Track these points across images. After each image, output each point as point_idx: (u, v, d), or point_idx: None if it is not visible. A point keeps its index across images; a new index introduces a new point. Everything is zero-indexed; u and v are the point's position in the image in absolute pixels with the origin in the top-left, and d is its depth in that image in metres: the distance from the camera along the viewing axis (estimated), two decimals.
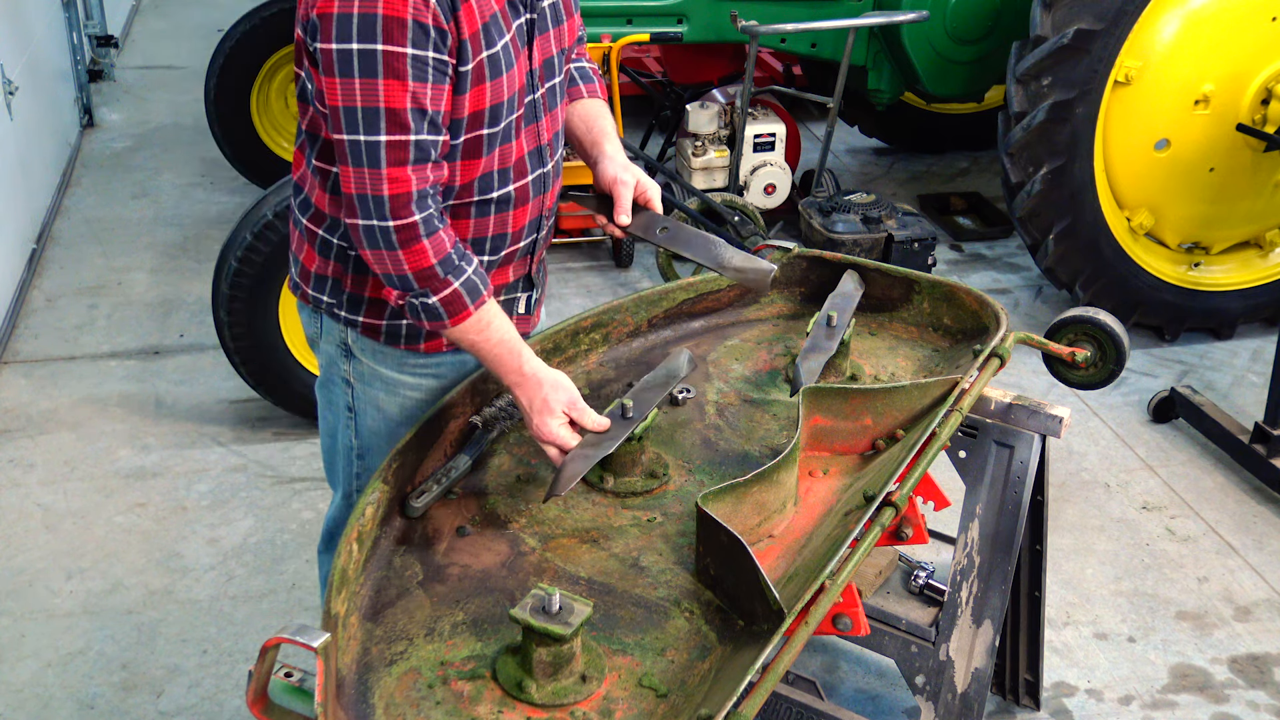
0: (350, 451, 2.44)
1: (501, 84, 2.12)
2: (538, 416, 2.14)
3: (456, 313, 2.11)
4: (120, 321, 5.09)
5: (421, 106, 2.01)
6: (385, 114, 1.99)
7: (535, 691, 1.76)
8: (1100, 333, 2.77)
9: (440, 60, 2.02)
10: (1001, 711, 3.26)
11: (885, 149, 6.98)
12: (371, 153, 2.01)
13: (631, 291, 2.70)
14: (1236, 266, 5.13)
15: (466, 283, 2.11)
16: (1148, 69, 4.67)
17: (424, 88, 2.01)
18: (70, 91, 6.96)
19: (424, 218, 2.05)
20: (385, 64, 1.97)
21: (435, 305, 2.10)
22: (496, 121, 2.15)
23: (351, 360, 2.35)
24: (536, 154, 2.28)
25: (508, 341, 2.17)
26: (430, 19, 1.98)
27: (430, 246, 2.06)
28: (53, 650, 3.39)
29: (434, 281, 2.08)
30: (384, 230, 2.05)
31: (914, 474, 2.17)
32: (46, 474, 4.12)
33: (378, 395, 2.36)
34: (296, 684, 1.71)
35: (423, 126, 2.03)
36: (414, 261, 2.06)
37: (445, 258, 2.08)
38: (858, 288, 2.74)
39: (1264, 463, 4.13)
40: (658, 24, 5.42)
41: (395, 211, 2.03)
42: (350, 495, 2.49)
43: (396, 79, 1.98)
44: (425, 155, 2.04)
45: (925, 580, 3.05)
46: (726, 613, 1.95)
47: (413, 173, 2.03)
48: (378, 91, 1.98)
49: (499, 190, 2.23)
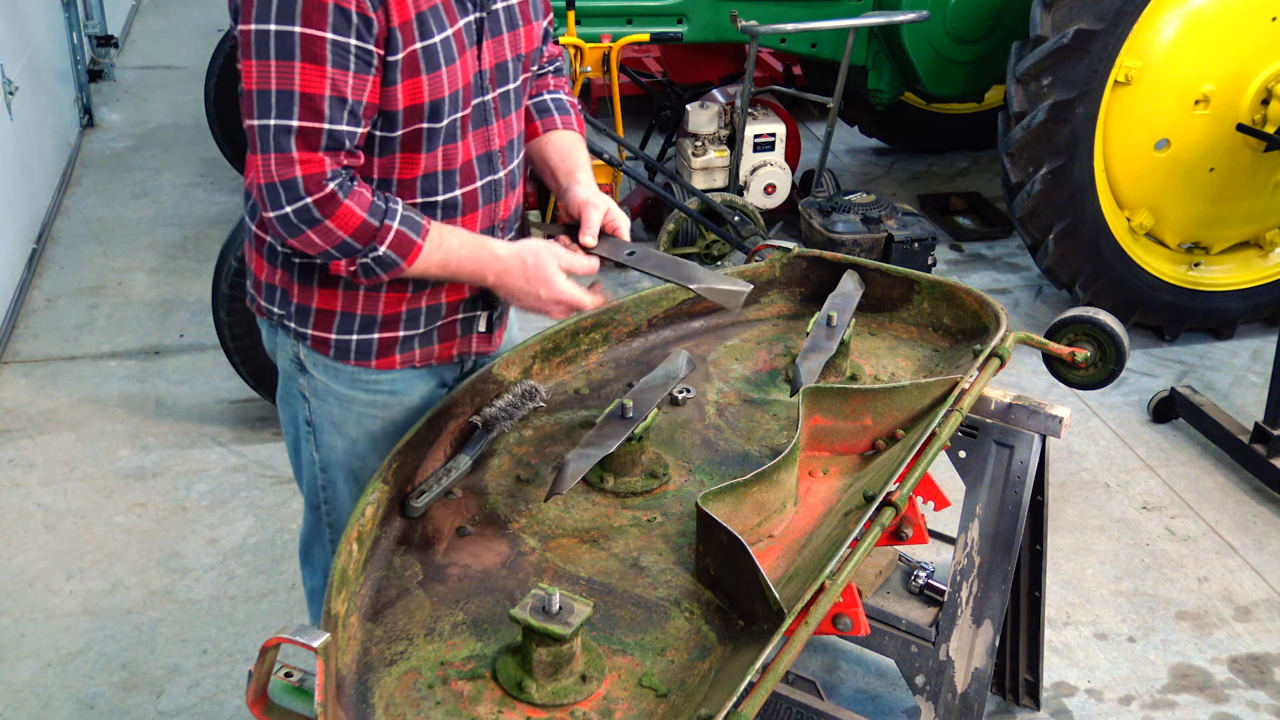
0: (313, 466, 2.39)
1: (440, 78, 2.06)
2: (540, 286, 2.13)
3: (408, 251, 2.07)
4: (120, 321, 5.09)
5: (341, 94, 1.96)
6: (300, 99, 1.94)
7: (535, 691, 1.76)
8: (1100, 333, 2.77)
9: (363, 49, 1.96)
10: (1001, 711, 3.26)
11: (885, 149, 6.98)
12: (282, 138, 1.95)
13: (631, 291, 2.69)
14: (1236, 266, 5.13)
15: (403, 220, 2.06)
16: (1148, 69, 4.67)
17: (344, 75, 1.95)
18: (70, 91, 6.96)
19: (338, 184, 2.00)
20: (303, 47, 1.92)
21: (385, 254, 2.06)
22: (438, 118, 2.09)
23: (306, 375, 2.30)
24: (486, 159, 2.22)
25: (470, 243, 2.14)
26: (354, 5, 1.93)
27: (353, 203, 2.01)
28: (53, 650, 3.39)
29: (373, 232, 2.03)
30: (302, 210, 1.99)
31: (914, 474, 2.17)
32: (46, 474, 4.12)
33: (332, 411, 2.31)
34: (296, 684, 1.71)
35: (340, 115, 1.97)
36: (343, 224, 2.01)
37: (371, 206, 2.03)
38: (858, 288, 2.74)
39: (1264, 463, 4.14)
40: (658, 24, 5.43)
41: (309, 189, 1.98)
42: (318, 508, 2.44)
43: (314, 63, 1.93)
44: (339, 144, 1.99)
45: (925, 580, 3.05)
46: (726, 613, 1.95)
47: (325, 155, 1.98)
48: (294, 75, 1.93)
49: (444, 194, 2.18)
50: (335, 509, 2.42)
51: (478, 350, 2.40)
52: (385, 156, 2.11)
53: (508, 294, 2.18)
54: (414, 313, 2.26)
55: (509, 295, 2.19)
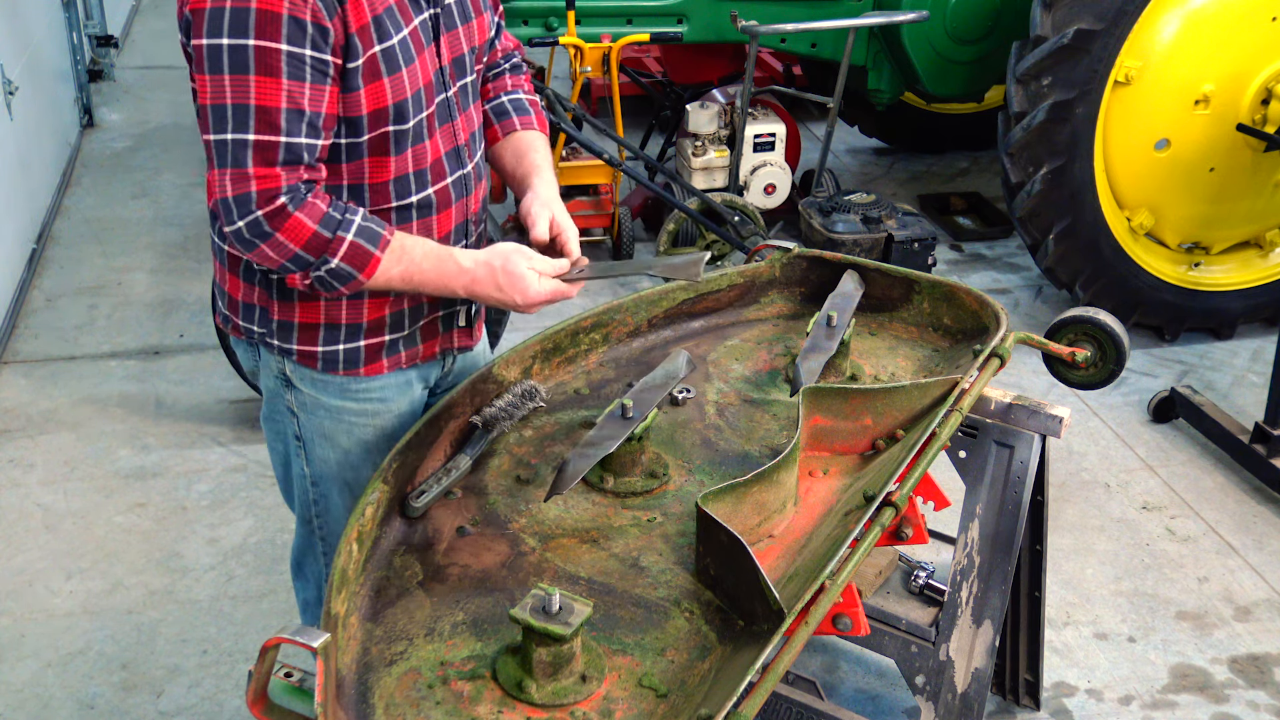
0: (304, 480, 2.37)
1: (402, 79, 2.04)
2: (516, 294, 2.09)
3: (364, 264, 2.02)
4: (120, 321, 5.09)
5: (298, 107, 1.93)
6: (255, 112, 1.91)
7: (535, 691, 1.76)
8: (1100, 333, 2.77)
9: (320, 59, 1.93)
10: (1001, 711, 3.26)
11: (885, 149, 6.98)
12: (238, 152, 1.92)
13: (631, 291, 2.69)
14: (1236, 266, 5.13)
15: (359, 231, 2.01)
16: (1148, 69, 4.67)
17: (301, 87, 1.92)
18: (70, 91, 6.96)
19: (290, 197, 1.96)
20: (258, 60, 1.89)
21: (339, 267, 2.01)
22: (403, 119, 2.07)
23: (293, 390, 2.27)
24: (454, 155, 2.22)
25: (433, 255, 2.10)
26: (309, 15, 1.90)
27: (304, 215, 1.96)
28: (53, 650, 3.39)
29: (324, 244, 1.98)
30: (253, 224, 1.95)
31: (914, 474, 2.17)
32: (46, 474, 4.13)
33: (323, 424, 2.29)
34: (296, 684, 1.71)
35: (298, 128, 1.94)
36: (293, 236, 1.97)
37: (324, 217, 1.98)
38: (858, 288, 2.74)
39: (1264, 463, 4.13)
40: (658, 24, 5.43)
41: (260, 203, 1.94)
42: (310, 521, 2.41)
43: (270, 76, 1.90)
44: (296, 158, 1.95)
45: (925, 580, 3.05)
46: (726, 613, 1.95)
47: (282, 170, 1.94)
48: (249, 88, 1.90)
49: (418, 194, 2.16)
50: (328, 521, 2.40)
51: (459, 345, 2.39)
52: (354, 162, 2.08)
53: (484, 303, 2.16)
54: (398, 315, 2.25)
55: (485, 304, 2.16)
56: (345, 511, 2.36)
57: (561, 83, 6.97)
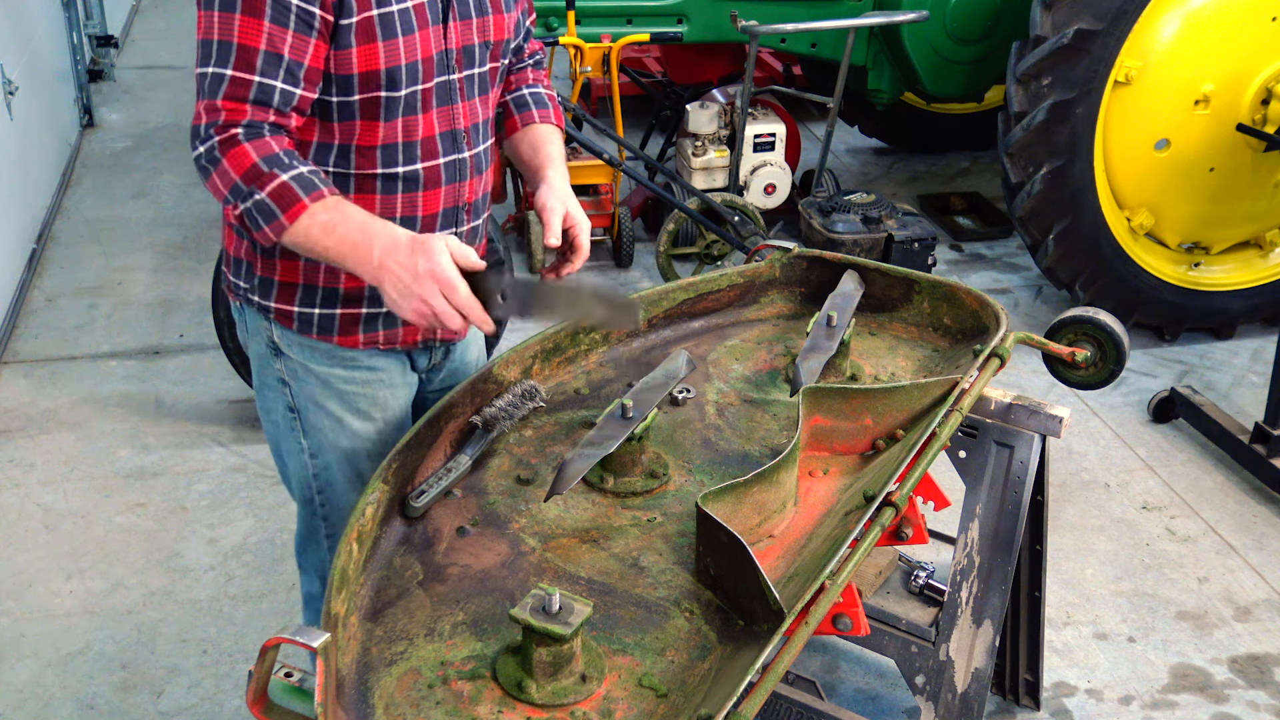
0: (301, 454, 2.36)
1: (398, 46, 2.07)
2: (421, 256, 1.96)
3: (289, 205, 1.99)
4: (120, 321, 5.09)
5: (276, 50, 1.99)
6: (236, 49, 1.98)
7: (535, 691, 1.76)
8: (1100, 333, 2.77)
9: (304, 9, 1.99)
10: (1001, 711, 3.26)
11: (885, 149, 6.99)
12: (215, 85, 1.99)
13: (631, 291, 2.69)
14: (1236, 266, 5.14)
15: (298, 178, 2.00)
16: (1148, 69, 4.67)
17: (282, 33, 1.98)
18: (70, 91, 6.96)
19: (247, 129, 2.00)
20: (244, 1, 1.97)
21: (265, 201, 1.99)
22: (395, 86, 2.10)
23: (282, 358, 2.29)
24: (450, 137, 2.22)
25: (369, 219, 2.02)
26: None
27: (251, 147, 1.99)
28: (53, 650, 3.39)
29: (259, 177, 1.99)
30: (208, 150, 2.00)
31: (914, 474, 2.17)
32: (46, 474, 4.13)
33: (314, 391, 2.30)
34: (296, 684, 1.71)
35: (274, 71, 1.99)
36: (236, 164, 1.99)
37: (270, 155, 1.99)
38: (858, 288, 2.74)
39: (1264, 463, 4.14)
40: (658, 24, 5.43)
41: (219, 130, 1.99)
42: (310, 500, 2.40)
43: (253, 16, 1.97)
44: (267, 98, 2.00)
45: (925, 580, 3.05)
46: (726, 613, 1.95)
47: (250, 107, 1.99)
48: (233, 26, 1.97)
49: (405, 166, 2.18)
50: (330, 498, 2.39)
51: (443, 335, 2.39)
52: (344, 122, 2.12)
53: (389, 270, 1.99)
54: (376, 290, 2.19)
55: (389, 270, 1.99)
56: (347, 483, 2.36)
57: (561, 83, 6.97)
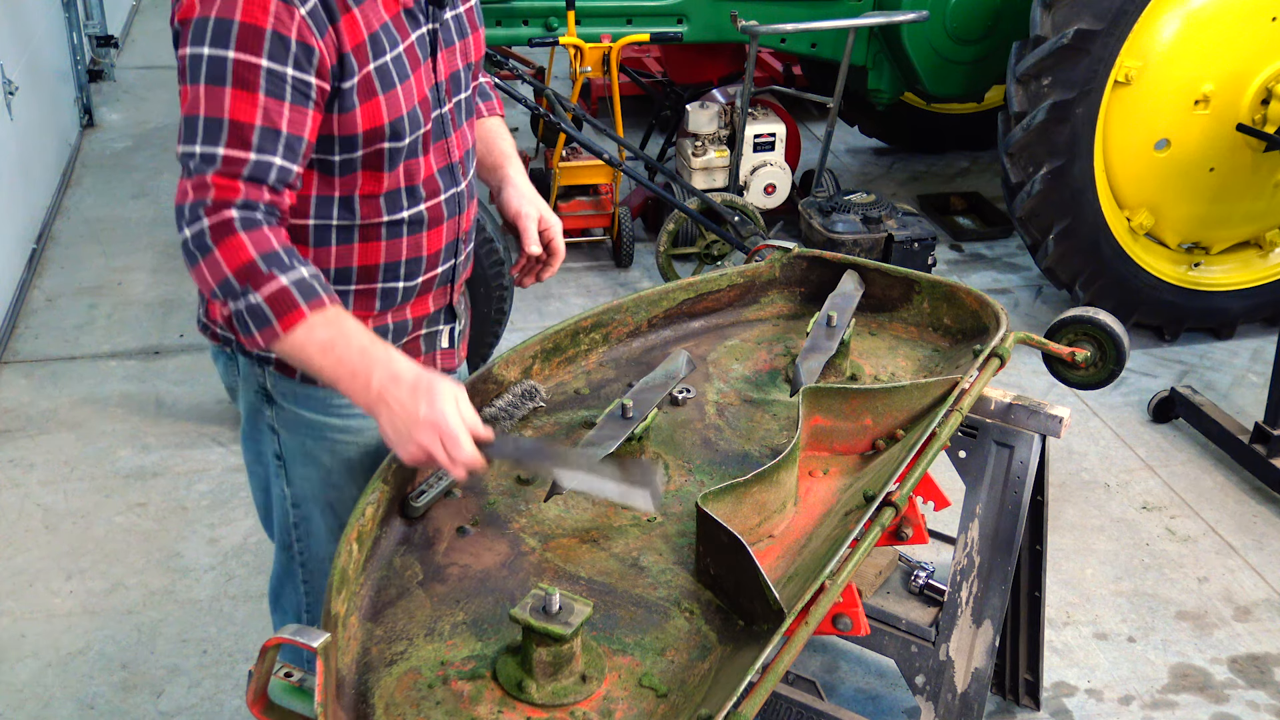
0: (284, 501, 2.29)
1: (397, 96, 1.98)
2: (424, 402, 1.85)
3: (286, 312, 1.84)
4: (120, 321, 5.09)
5: (274, 126, 1.84)
6: (229, 126, 1.83)
7: (535, 691, 1.76)
8: (1100, 333, 2.77)
9: (301, 80, 1.86)
10: (1001, 711, 3.26)
11: (885, 149, 6.98)
12: (206, 163, 1.83)
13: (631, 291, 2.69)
14: (1236, 266, 5.14)
15: (299, 283, 1.85)
16: (1148, 69, 4.67)
17: (279, 106, 1.84)
18: (70, 91, 6.96)
19: (242, 215, 1.84)
20: (235, 73, 1.82)
21: (259, 305, 1.83)
22: (399, 136, 2.01)
23: (274, 406, 2.20)
24: (447, 172, 2.16)
25: (369, 340, 1.89)
26: (294, 33, 1.83)
27: (248, 239, 1.83)
28: (53, 650, 3.39)
29: (255, 276, 1.83)
30: (198, 235, 1.83)
31: (914, 474, 2.17)
32: (46, 474, 4.13)
33: (305, 442, 2.21)
34: (296, 684, 1.71)
35: (271, 147, 1.85)
36: (230, 258, 1.83)
37: (270, 253, 1.84)
38: (858, 288, 2.74)
39: (1264, 463, 4.14)
40: (658, 24, 5.43)
41: (210, 211, 1.83)
42: (289, 547, 2.34)
43: (246, 90, 1.82)
44: (262, 176, 1.85)
45: (925, 580, 3.05)
46: (726, 613, 1.95)
47: (243, 184, 1.84)
48: (224, 101, 1.82)
49: (409, 209, 2.10)
50: (309, 545, 2.33)
51: (442, 366, 2.34)
52: (347, 176, 2.03)
53: (387, 405, 1.88)
54: (381, 330, 2.19)
55: (387, 405, 1.88)
56: (327, 534, 2.29)
57: (561, 83, 6.97)
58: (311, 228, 2.07)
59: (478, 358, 4.32)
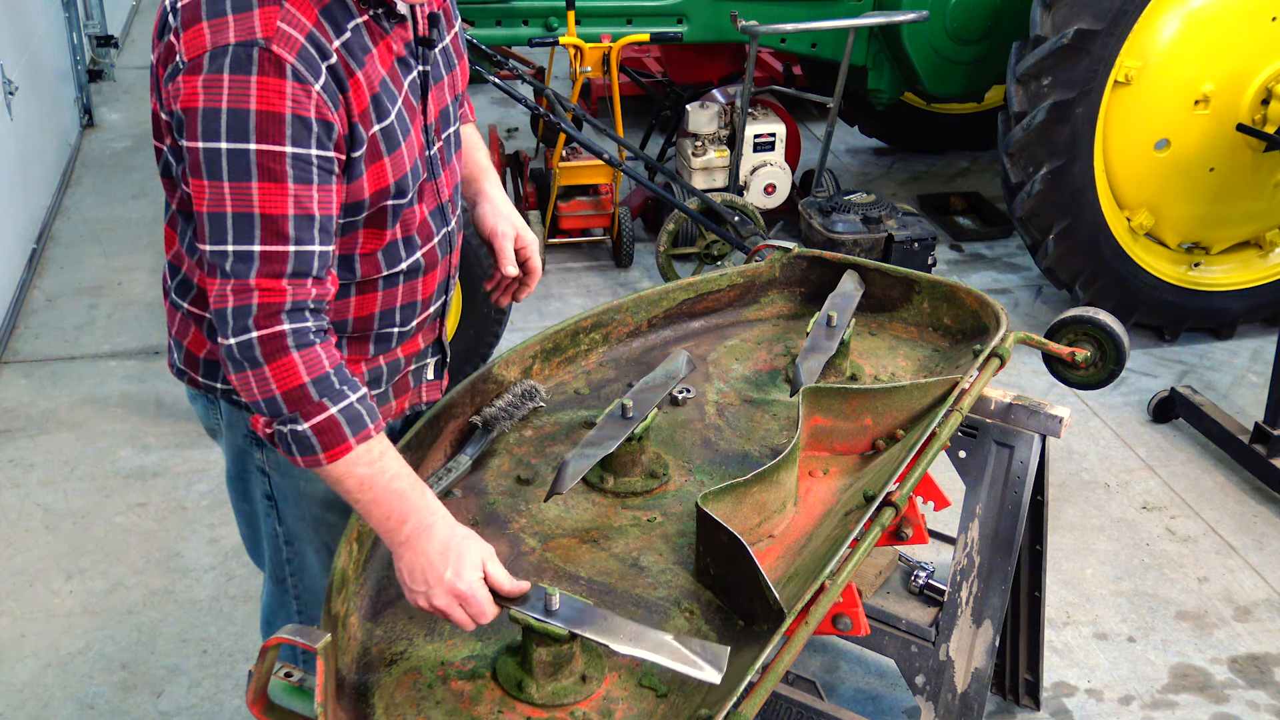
0: (277, 539, 2.25)
1: (401, 155, 1.92)
2: (450, 568, 1.77)
3: (333, 445, 1.79)
4: (120, 321, 5.09)
5: (307, 212, 1.76)
6: (260, 221, 1.73)
7: (535, 691, 1.76)
8: (1100, 333, 2.77)
9: (325, 158, 1.77)
10: (1001, 711, 3.26)
11: (885, 149, 6.98)
12: (242, 263, 1.74)
13: (631, 291, 2.69)
14: (1236, 266, 5.14)
15: (347, 410, 1.79)
16: (1148, 69, 4.67)
17: (308, 190, 1.75)
18: (70, 91, 6.96)
19: (295, 328, 1.77)
20: (260, 165, 1.71)
21: (306, 434, 1.78)
22: (404, 193, 1.95)
23: (264, 449, 2.13)
24: (438, 213, 2.10)
25: (409, 480, 1.84)
26: (313, 112, 1.74)
27: (301, 361, 1.77)
28: (53, 650, 3.39)
29: (305, 404, 1.77)
30: (245, 345, 1.76)
31: (914, 474, 2.17)
32: (46, 474, 4.13)
33: (298, 482, 2.15)
34: (296, 684, 1.71)
35: (310, 235, 1.77)
36: (281, 379, 1.76)
37: (321, 377, 1.78)
38: (858, 288, 2.74)
39: (1264, 463, 4.13)
40: (658, 24, 5.43)
41: (260, 321, 1.75)
42: (283, 581, 2.30)
43: (274, 181, 1.72)
44: (306, 269, 1.77)
45: (925, 580, 3.05)
46: (726, 613, 1.95)
47: (289, 284, 1.76)
48: (252, 197, 1.72)
49: (407, 260, 2.04)
50: (303, 580, 2.30)
51: (428, 399, 2.31)
52: (348, 235, 1.95)
53: (414, 553, 1.81)
54: (375, 373, 2.15)
55: (414, 553, 1.82)
56: (322, 568, 2.25)
57: (561, 83, 6.97)
58: None
59: (478, 357, 4.32)
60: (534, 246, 2.30)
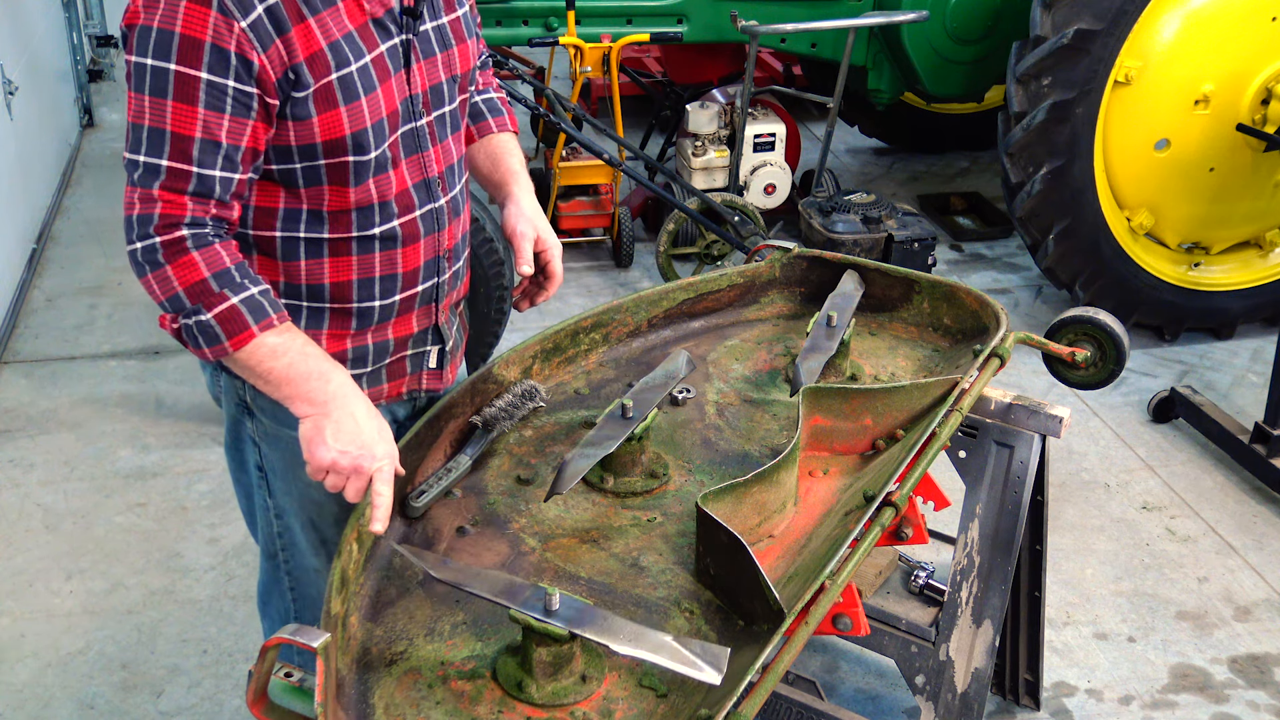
0: (268, 513, 2.28)
1: (361, 108, 1.96)
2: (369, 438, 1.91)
3: (236, 332, 1.89)
4: (120, 321, 5.09)
5: (213, 138, 1.86)
6: (171, 138, 1.85)
7: (535, 691, 1.76)
8: (1100, 333, 2.77)
9: (242, 91, 1.86)
10: (1001, 711, 3.26)
11: (885, 149, 6.98)
12: (150, 174, 1.86)
13: (631, 291, 2.69)
14: (1236, 266, 5.14)
15: (248, 301, 1.90)
16: (1148, 69, 4.67)
17: (219, 118, 1.86)
18: (70, 91, 6.96)
19: (194, 233, 1.88)
20: (176, 85, 1.83)
21: (210, 323, 1.89)
22: (363, 150, 1.99)
23: (254, 419, 2.19)
24: (424, 187, 2.11)
25: (321, 359, 1.95)
26: (233, 45, 1.83)
27: (201, 258, 1.88)
28: (53, 650, 3.39)
29: (207, 296, 1.88)
30: (149, 249, 1.87)
31: (914, 474, 2.17)
32: (46, 474, 4.13)
33: (285, 454, 2.18)
34: (296, 684, 1.71)
35: (212, 160, 1.87)
36: (183, 276, 1.88)
37: (222, 271, 1.89)
38: (858, 288, 2.74)
39: (1264, 463, 4.14)
40: (658, 24, 5.43)
41: (160, 229, 1.87)
42: (275, 556, 2.33)
43: (187, 103, 1.84)
44: (208, 190, 1.88)
45: (925, 580, 3.05)
46: (726, 613, 1.95)
47: (190, 200, 1.88)
48: (165, 114, 1.84)
49: (381, 225, 2.07)
50: (293, 556, 2.32)
51: (428, 387, 2.31)
52: (312, 187, 2.01)
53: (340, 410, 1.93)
54: (360, 350, 2.17)
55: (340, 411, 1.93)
56: (311, 546, 2.28)
57: (561, 83, 6.97)
58: (279, 240, 2.04)
59: (478, 358, 4.32)
60: (555, 251, 2.31)
